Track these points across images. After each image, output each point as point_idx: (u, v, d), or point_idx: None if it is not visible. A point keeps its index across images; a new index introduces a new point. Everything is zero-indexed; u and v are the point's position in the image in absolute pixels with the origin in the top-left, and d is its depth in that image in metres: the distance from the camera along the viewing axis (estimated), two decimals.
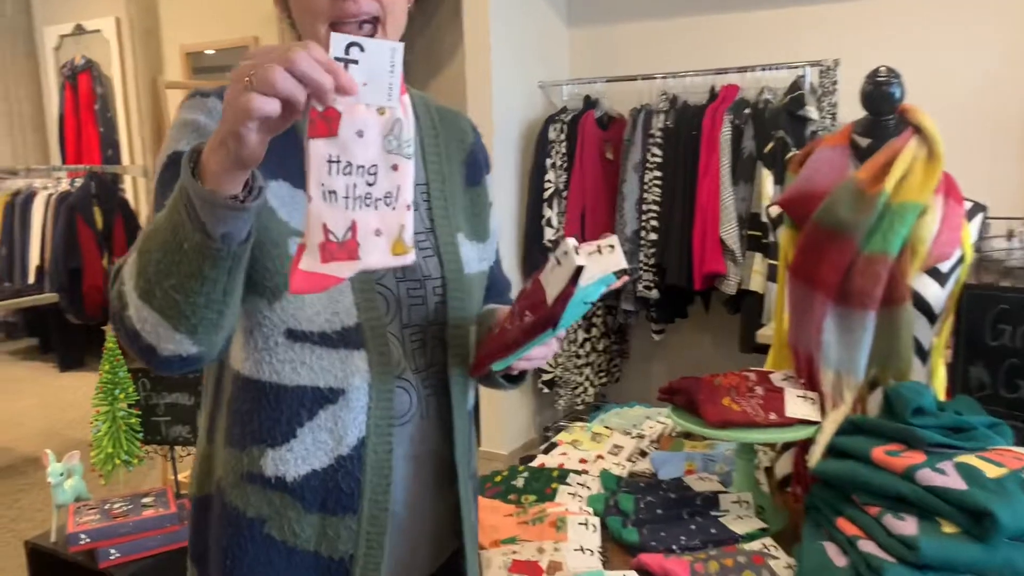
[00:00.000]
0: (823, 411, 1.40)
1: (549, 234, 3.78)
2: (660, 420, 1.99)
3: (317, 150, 0.78)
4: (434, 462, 1.13)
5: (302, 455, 1.04)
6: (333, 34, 0.76)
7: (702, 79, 3.61)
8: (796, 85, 3.31)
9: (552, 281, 0.95)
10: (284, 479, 1.04)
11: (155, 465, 3.59)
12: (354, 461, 1.04)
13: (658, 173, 3.55)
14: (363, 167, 0.81)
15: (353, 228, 0.82)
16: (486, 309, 1.22)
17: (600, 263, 0.96)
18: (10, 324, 6.08)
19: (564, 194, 3.78)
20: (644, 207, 3.61)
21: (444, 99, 4.37)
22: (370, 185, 0.82)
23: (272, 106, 0.72)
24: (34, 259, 5.51)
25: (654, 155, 3.56)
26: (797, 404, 1.42)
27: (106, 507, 2.36)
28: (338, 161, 0.79)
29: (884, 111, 1.45)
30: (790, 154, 3.19)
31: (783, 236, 1.56)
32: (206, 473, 1.12)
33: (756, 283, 3.30)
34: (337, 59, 0.75)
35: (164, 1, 5.47)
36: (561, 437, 1.92)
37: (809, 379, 1.47)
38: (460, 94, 3.77)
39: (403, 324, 1.09)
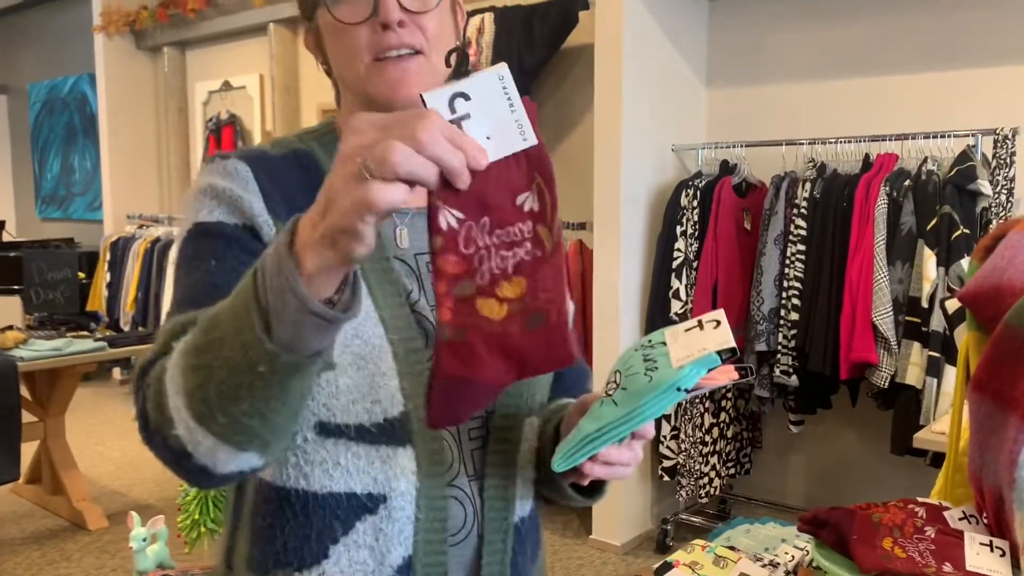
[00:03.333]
0: (1016, 566, 1.11)
1: (676, 307, 3.51)
2: (798, 545, 1.69)
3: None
4: None
5: None
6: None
7: (854, 146, 3.29)
8: (966, 155, 2.96)
9: None
10: None
11: None
12: None
13: (802, 247, 3.26)
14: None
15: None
16: (558, 405, 1.02)
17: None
18: None
19: (695, 264, 3.52)
20: (785, 283, 3.31)
21: (572, 162, 4.16)
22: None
23: (399, 195, 0.60)
24: (166, 305, 5.65)
25: (798, 227, 3.26)
26: (981, 555, 1.14)
27: None
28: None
29: None
30: (957, 233, 2.86)
31: (964, 339, 1.28)
32: None
33: (913, 376, 2.94)
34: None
35: (304, 61, 5.59)
36: (678, 557, 1.65)
37: (996, 522, 1.17)
38: (589, 157, 3.59)
39: None
